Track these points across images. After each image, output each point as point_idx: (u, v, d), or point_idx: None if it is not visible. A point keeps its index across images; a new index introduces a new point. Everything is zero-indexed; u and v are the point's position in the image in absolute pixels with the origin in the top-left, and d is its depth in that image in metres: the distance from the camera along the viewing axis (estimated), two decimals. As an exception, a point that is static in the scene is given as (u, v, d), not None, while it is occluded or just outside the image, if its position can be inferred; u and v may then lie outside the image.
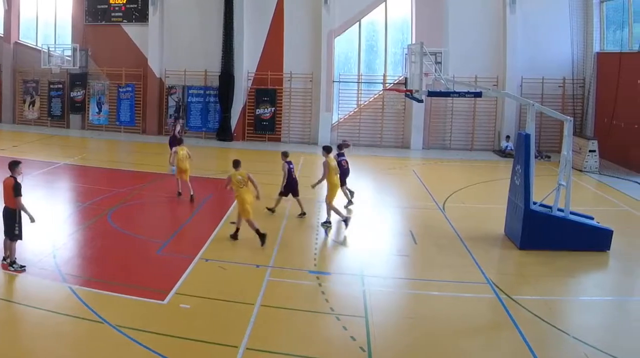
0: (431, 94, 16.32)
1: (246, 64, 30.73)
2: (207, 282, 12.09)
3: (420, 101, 17.42)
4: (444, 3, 28.94)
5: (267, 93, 30.72)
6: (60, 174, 22.25)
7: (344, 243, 15.13)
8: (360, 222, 16.65)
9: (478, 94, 16.69)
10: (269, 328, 10.12)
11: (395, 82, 29.71)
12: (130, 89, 32.53)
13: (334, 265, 13.42)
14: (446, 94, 17.22)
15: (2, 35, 34.49)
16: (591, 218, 14.88)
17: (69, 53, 32.06)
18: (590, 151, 24.02)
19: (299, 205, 16.85)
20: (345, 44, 30.91)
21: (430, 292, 11.88)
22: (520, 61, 28.37)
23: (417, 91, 16.04)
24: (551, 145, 27.30)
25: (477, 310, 11.22)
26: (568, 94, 28.56)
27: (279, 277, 12.40)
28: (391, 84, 30.01)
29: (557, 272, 13.04)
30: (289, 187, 16.74)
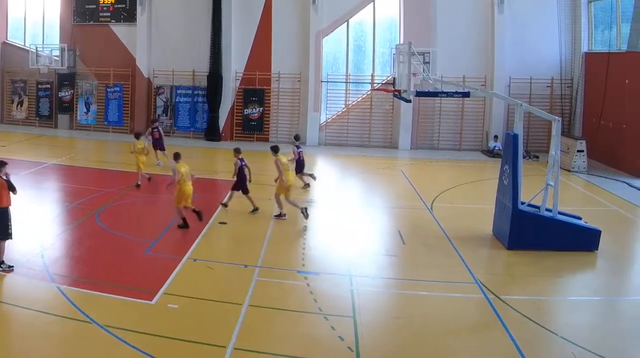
0: (419, 94, 16.38)
1: (234, 64, 30.61)
2: (195, 282, 12.07)
3: (409, 101, 17.44)
4: (432, 3, 28.93)
5: (255, 93, 30.61)
6: (48, 174, 22.09)
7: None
8: (349, 222, 16.67)
9: (466, 94, 16.77)
10: (257, 328, 10.10)
11: (384, 82, 29.69)
12: (118, 89, 32.31)
13: (322, 265, 13.39)
14: (434, 94, 17.31)
15: (-10, 36, 34.24)
16: (579, 219, 14.95)
17: (57, 53, 31.78)
18: (578, 151, 24.10)
19: (251, 201, 17.07)
20: (333, 44, 30.89)
21: (419, 292, 11.90)
22: (508, 61, 28.42)
23: (405, 91, 16.11)
24: (539, 145, 27.47)
25: (465, 310, 11.24)
26: (556, 94, 28.67)
27: (267, 277, 12.39)
28: (379, 84, 29.99)
29: (545, 272, 13.08)
30: (239, 184, 17.01)
